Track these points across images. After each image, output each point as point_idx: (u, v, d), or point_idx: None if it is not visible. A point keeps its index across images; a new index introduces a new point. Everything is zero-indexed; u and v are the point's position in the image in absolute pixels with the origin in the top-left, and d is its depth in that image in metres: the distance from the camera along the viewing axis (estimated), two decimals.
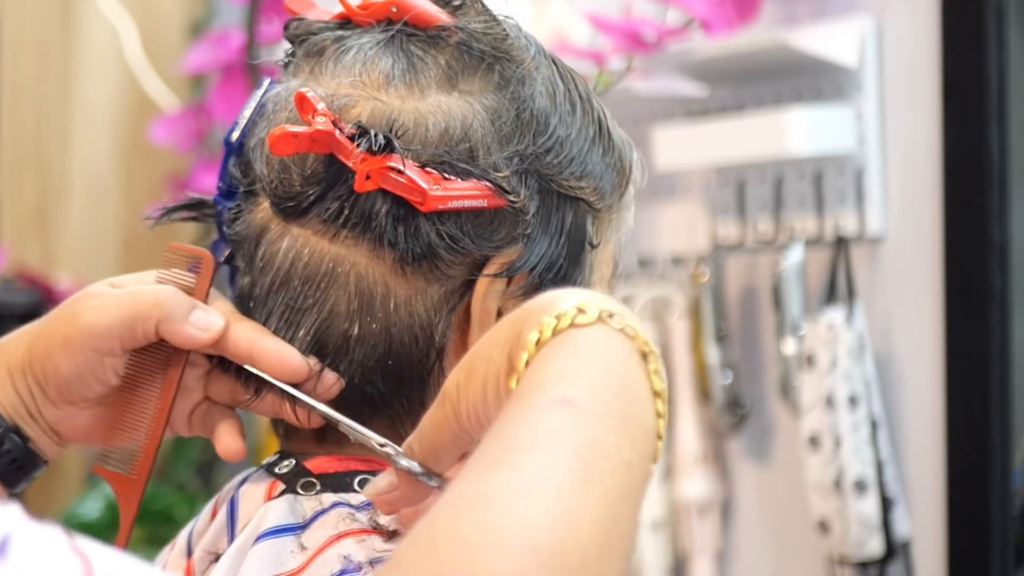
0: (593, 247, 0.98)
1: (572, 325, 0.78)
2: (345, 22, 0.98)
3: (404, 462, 0.85)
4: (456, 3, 0.97)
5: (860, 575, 1.75)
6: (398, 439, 0.95)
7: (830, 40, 1.78)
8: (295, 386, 0.94)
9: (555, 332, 0.78)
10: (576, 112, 0.98)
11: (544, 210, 0.95)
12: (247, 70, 2.41)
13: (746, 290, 1.96)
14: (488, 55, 0.95)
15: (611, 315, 0.78)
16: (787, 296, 1.81)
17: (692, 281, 1.96)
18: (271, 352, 0.93)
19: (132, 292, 0.94)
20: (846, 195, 1.79)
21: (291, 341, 0.94)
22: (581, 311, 0.78)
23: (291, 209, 0.93)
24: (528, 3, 2.05)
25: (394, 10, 0.96)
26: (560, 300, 0.79)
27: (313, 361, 0.93)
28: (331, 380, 0.94)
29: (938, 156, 1.71)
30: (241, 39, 2.47)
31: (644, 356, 0.78)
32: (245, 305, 0.96)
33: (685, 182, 2.02)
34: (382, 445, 0.89)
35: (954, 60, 1.69)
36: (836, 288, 1.78)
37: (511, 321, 0.81)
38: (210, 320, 0.94)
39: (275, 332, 0.94)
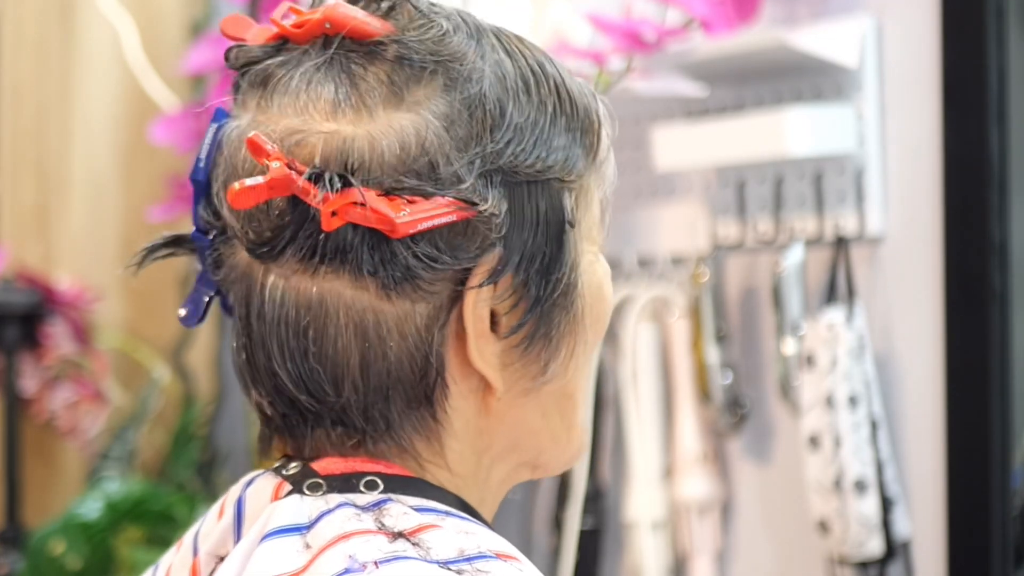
0: (572, 226, 0.97)
1: None
2: (283, 42, 0.96)
3: None
4: (386, 7, 0.95)
5: (860, 575, 1.75)
6: (411, 460, 0.95)
7: (830, 40, 1.78)
8: None
9: None
10: (531, 90, 0.96)
11: (516, 205, 0.94)
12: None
13: (746, 290, 1.96)
14: (428, 61, 0.93)
15: None
16: (787, 296, 1.81)
17: (692, 281, 1.96)
18: None
19: None
20: (846, 195, 1.79)
21: (295, 378, 0.93)
22: None
23: (266, 254, 0.92)
24: (528, 3, 2.05)
25: (328, 26, 0.94)
26: None
27: None
28: None
29: (938, 156, 1.71)
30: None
31: None
32: (246, 349, 0.96)
33: (685, 182, 2.02)
34: None
35: (954, 60, 1.69)
36: (836, 288, 1.78)
37: None
38: None
39: (278, 371, 0.94)
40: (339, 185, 0.89)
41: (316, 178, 0.89)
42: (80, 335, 2.62)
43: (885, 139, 1.78)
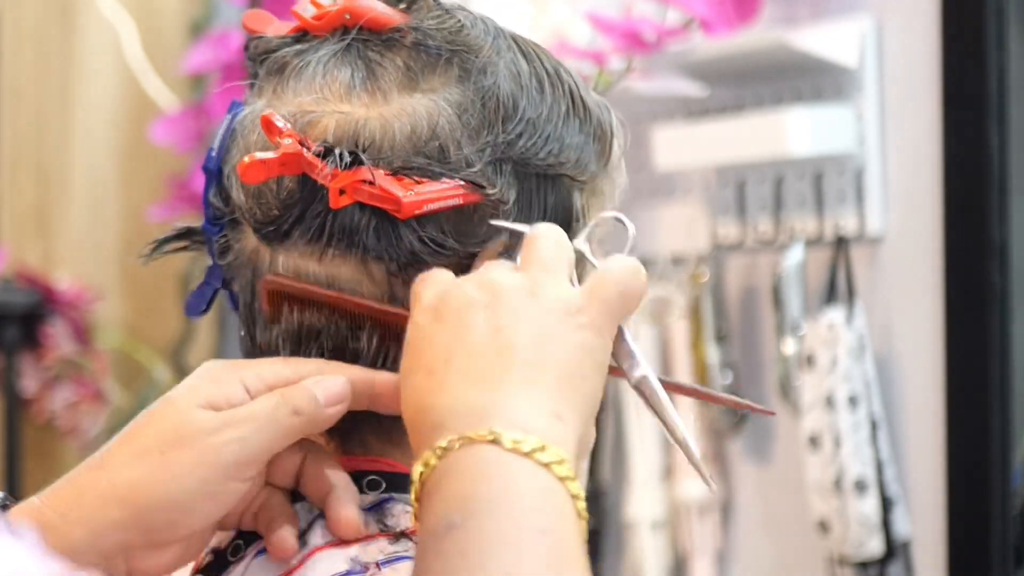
0: (579, 221, 0.97)
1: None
2: (302, 34, 0.96)
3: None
4: (407, 0, 0.96)
5: (860, 575, 1.75)
6: (411, 453, 0.95)
7: (830, 40, 1.78)
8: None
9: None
10: (545, 90, 0.96)
11: (524, 196, 0.94)
12: (247, 70, 2.41)
13: (746, 290, 1.96)
14: (445, 50, 0.94)
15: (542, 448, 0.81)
16: (787, 296, 1.81)
17: (692, 281, 1.96)
18: (391, 382, 0.91)
19: (260, 412, 0.90)
20: (846, 195, 1.79)
21: None
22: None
23: (273, 234, 0.92)
24: (528, 3, 2.05)
25: (347, 17, 0.95)
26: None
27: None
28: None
29: (938, 156, 1.71)
30: (241, 39, 2.47)
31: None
32: (251, 336, 0.96)
33: (685, 182, 2.02)
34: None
35: (954, 60, 1.69)
36: (836, 288, 1.78)
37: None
38: (333, 386, 0.90)
39: (282, 353, 0.94)
40: (348, 161, 0.89)
41: (326, 154, 0.90)
42: (80, 335, 2.62)
43: (885, 139, 1.78)
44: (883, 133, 1.78)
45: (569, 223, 0.96)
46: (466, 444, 0.80)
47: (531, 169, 0.94)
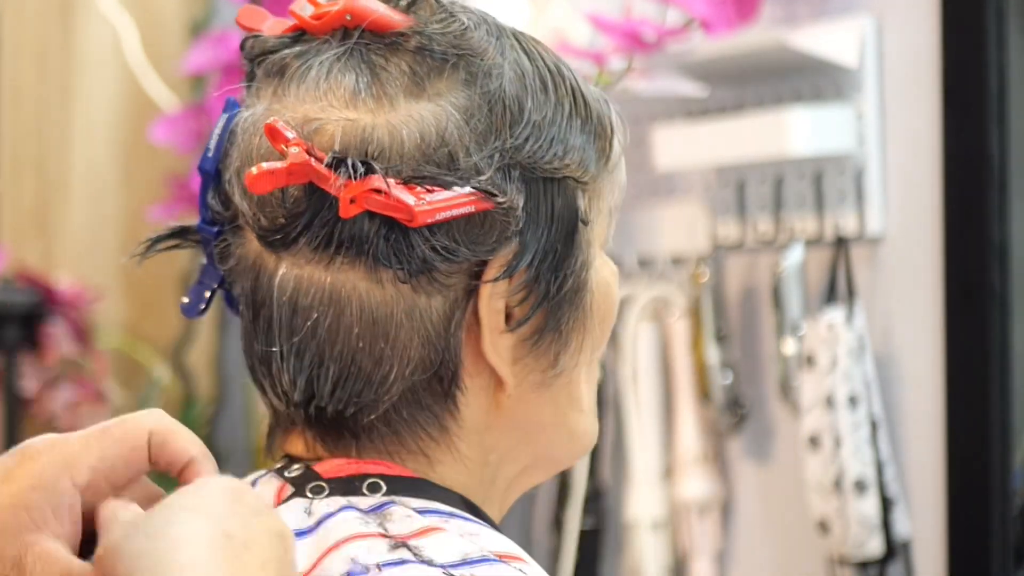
0: (585, 224, 0.97)
1: None
2: (300, 34, 0.95)
3: None
4: (407, 1, 0.94)
5: (860, 575, 1.75)
6: (421, 457, 0.94)
7: (830, 40, 1.78)
8: None
9: None
10: (548, 90, 0.95)
11: (532, 201, 0.94)
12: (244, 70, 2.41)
13: (746, 290, 1.96)
14: (450, 54, 0.93)
15: None
16: (787, 296, 1.81)
17: (692, 281, 1.96)
18: None
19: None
20: (846, 195, 1.79)
21: (302, 371, 0.93)
22: None
23: (279, 241, 0.91)
24: (528, 3, 2.05)
25: (348, 18, 0.93)
26: None
27: None
28: None
29: (938, 156, 1.71)
30: (241, 39, 2.47)
31: None
32: (250, 340, 0.95)
33: (685, 182, 2.02)
34: None
35: (954, 60, 1.69)
36: (836, 288, 1.78)
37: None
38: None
39: (284, 365, 0.93)
40: (360, 171, 0.88)
41: (336, 164, 0.89)
42: (80, 335, 2.62)
43: (885, 139, 1.78)
44: (883, 133, 1.78)
45: (575, 226, 0.96)
46: None
47: (537, 173, 0.94)
